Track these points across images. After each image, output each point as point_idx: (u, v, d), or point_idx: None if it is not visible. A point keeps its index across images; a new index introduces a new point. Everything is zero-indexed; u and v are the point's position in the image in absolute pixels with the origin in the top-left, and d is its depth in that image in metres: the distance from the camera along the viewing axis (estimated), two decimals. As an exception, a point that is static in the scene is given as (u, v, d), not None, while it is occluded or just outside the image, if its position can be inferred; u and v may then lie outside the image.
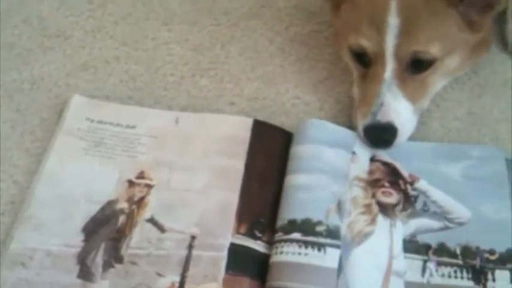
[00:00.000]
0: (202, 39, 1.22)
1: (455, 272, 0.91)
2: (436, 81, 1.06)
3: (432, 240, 0.93)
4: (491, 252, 0.91)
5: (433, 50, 1.00)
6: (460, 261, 0.91)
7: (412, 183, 0.98)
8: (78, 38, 1.23)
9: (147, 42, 1.22)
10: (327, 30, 1.21)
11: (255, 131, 1.05)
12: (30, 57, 1.20)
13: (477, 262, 0.91)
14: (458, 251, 0.92)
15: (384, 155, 1.02)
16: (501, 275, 0.90)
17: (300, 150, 1.01)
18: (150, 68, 1.19)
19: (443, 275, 0.91)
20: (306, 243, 0.90)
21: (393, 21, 0.98)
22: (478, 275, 0.90)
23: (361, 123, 1.03)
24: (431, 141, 1.06)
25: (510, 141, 1.05)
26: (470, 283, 0.90)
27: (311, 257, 0.89)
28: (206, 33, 1.23)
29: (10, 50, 1.22)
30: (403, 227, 0.95)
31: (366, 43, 1.01)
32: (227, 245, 0.93)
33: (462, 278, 0.90)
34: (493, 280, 0.90)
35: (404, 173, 1.00)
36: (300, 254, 0.90)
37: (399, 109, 1.01)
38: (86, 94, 1.13)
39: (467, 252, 0.92)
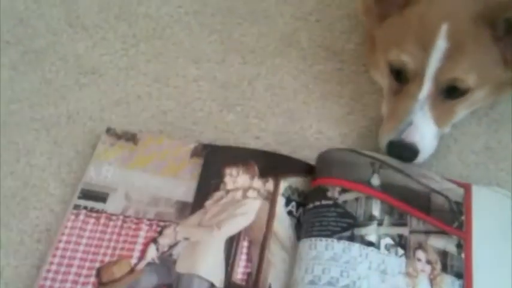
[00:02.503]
0: (230, 77, 1.27)
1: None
2: (463, 110, 1.08)
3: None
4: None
5: (471, 80, 1.02)
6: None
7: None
8: (111, 75, 1.28)
9: (177, 80, 1.27)
10: (348, 68, 1.25)
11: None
12: (66, 93, 1.26)
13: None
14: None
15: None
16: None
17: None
18: (180, 103, 1.23)
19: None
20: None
21: (441, 44, 1.00)
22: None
23: (386, 137, 1.05)
24: (450, 175, 1.08)
25: (527, 175, 1.08)
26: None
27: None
28: (233, 71, 1.27)
29: (48, 85, 1.27)
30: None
31: (408, 59, 1.02)
32: None
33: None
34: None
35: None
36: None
37: (425, 131, 1.04)
38: (119, 128, 1.17)
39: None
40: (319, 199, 1.00)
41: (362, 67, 1.23)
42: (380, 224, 0.97)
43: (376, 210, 0.99)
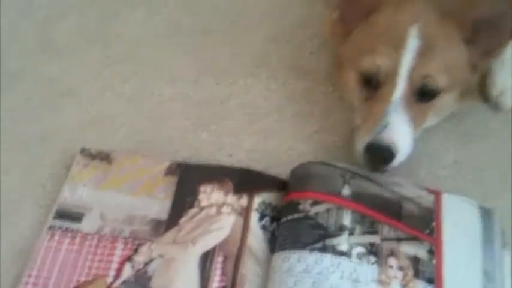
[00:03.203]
0: (203, 96, 1.29)
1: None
2: (433, 114, 1.10)
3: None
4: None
5: (441, 80, 1.04)
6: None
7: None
8: (86, 96, 1.30)
9: (152, 99, 1.29)
10: (318, 88, 1.27)
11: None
12: (41, 114, 1.27)
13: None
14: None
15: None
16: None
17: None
18: (154, 123, 1.25)
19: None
20: None
21: (413, 43, 1.02)
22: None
23: (364, 141, 1.04)
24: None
25: (493, 187, 1.11)
26: None
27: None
28: (207, 91, 1.30)
29: (23, 107, 1.28)
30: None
31: (381, 62, 1.04)
32: None
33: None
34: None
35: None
36: None
37: (402, 132, 1.04)
38: (95, 148, 1.18)
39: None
40: (291, 213, 1.02)
41: (331, 87, 1.26)
42: (351, 233, 0.99)
43: (347, 220, 1.00)
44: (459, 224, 1.03)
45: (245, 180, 1.10)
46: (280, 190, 1.09)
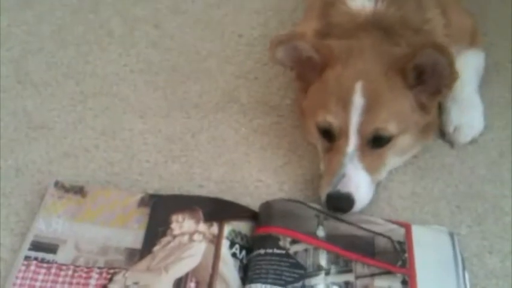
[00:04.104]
0: (174, 130, 1.33)
1: None
2: (391, 157, 1.17)
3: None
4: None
5: (391, 127, 1.11)
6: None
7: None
8: (60, 129, 1.33)
9: (124, 133, 1.33)
10: (285, 122, 1.33)
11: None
12: (15, 147, 1.30)
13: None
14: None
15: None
16: None
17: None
18: (126, 155, 1.29)
19: None
20: None
21: (358, 101, 1.10)
22: None
23: (325, 191, 1.12)
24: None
25: (449, 217, 1.18)
26: None
27: None
28: (178, 125, 1.34)
29: (-1, 137, 1.31)
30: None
31: (332, 119, 1.12)
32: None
33: None
34: None
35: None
36: None
37: (359, 181, 1.11)
38: (67, 181, 1.21)
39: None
40: (271, 247, 1.06)
41: (297, 121, 1.32)
42: (327, 273, 1.04)
43: (323, 260, 1.06)
44: (431, 252, 1.08)
45: (215, 209, 1.15)
46: (249, 220, 1.14)
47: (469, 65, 1.30)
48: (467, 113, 1.28)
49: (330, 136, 1.14)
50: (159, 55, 1.48)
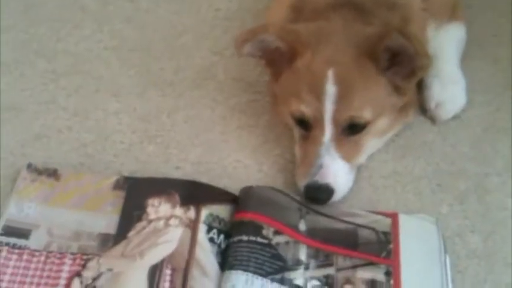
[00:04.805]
0: (149, 109, 1.30)
1: None
2: (369, 141, 1.15)
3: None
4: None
5: (366, 114, 1.09)
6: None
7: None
8: (31, 110, 1.30)
9: (97, 113, 1.30)
10: (263, 99, 1.31)
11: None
12: (-14, 129, 1.26)
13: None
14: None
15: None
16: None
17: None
18: (100, 136, 1.26)
19: None
20: None
21: (331, 90, 1.07)
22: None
23: (302, 182, 1.11)
24: (361, 198, 1.15)
25: (430, 196, 1.16)
26: None
27: None
28: (153, 103, 1.31)
29: (-34, 122, 1.27)
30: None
31: (305, 109, 1.10)
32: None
33: None
34: None
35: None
36: None
37: (336, 170, 1.10)
38: (40, 162, 1.19)
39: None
40: (254, 235, 1.04)
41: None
42: (306, 268, 1.03)
43: (302, 255, 1.04)
44: (417, 242, 1.07)
45: (192, 193, 1.12)
46: (228, 203, 1.11)
47: (450, 39, 1.28)
48: (449, 88, 1.25)
49: (305, 124, 1.12)
50: (134, 31, 1.44)
